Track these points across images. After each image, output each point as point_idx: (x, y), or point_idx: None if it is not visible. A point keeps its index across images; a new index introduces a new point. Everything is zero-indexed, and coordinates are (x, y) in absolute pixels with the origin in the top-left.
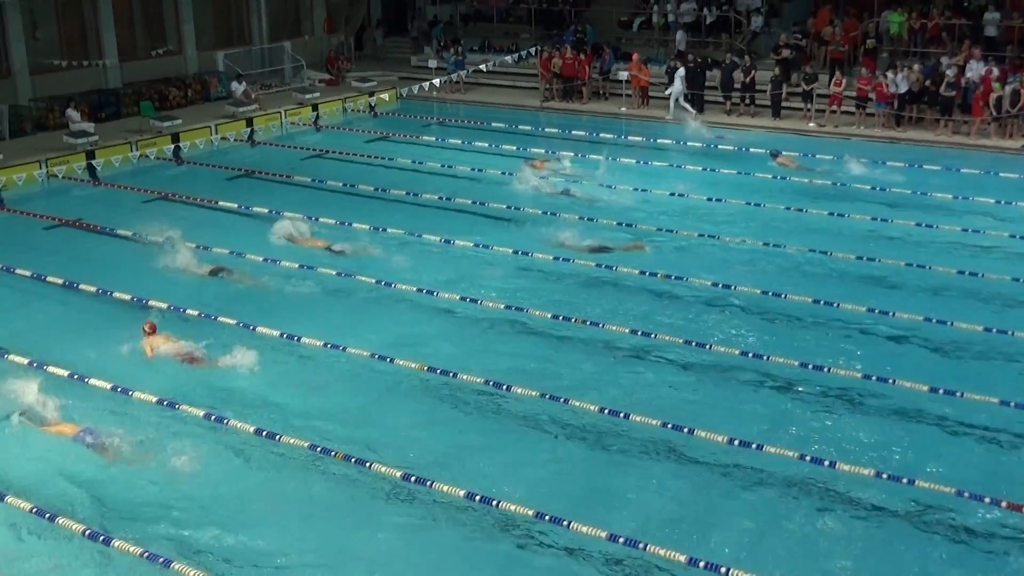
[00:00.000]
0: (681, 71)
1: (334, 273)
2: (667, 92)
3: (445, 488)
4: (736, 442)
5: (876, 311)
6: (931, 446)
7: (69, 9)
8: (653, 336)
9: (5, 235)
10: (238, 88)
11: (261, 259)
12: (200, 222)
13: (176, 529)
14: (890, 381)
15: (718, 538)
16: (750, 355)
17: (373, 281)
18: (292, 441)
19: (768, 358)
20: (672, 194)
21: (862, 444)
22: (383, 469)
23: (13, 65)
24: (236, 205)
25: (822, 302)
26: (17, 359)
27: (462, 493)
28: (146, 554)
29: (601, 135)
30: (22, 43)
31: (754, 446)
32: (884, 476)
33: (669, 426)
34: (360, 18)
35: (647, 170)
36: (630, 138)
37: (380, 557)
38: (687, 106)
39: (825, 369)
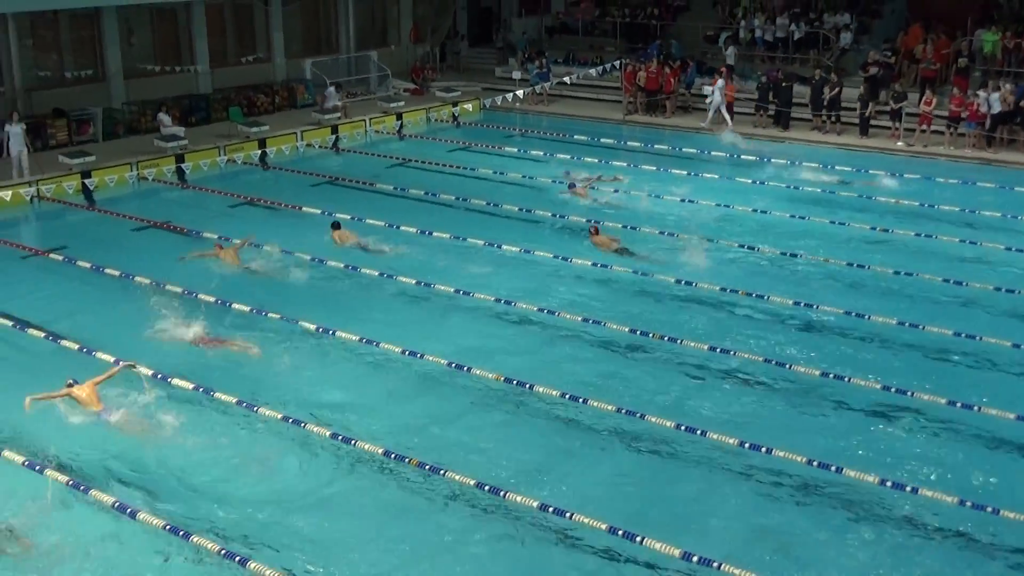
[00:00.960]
0: (720, 83)
1: (412, 282)
2: (707, 102)
3: (519, 499)
4: (815, 463)
5: (963, 335)
6: (1016, 475)
7: (164, 16)
8: (732, 353)
9: (96, 235)
10: (332, 95)
11: (342, 265)
12: (284, 226)
13: (250, 529)
14: (975, 408)
15: (792, 558)
16: (831, 376)
17: (452, 290)
18: (367, 447)
19: (849, 379)
20: (754, 210)
21: (945, 470)
22: (457, 477)
23: (108, 69)
24: (319, 211)
25: (907, 324)
26: (104, 356)
27: (535, 504)
28: (223, 551)
29: (683, 149)
30: (117, 48)
31: (833, 468)
32: (968, 504)
33: (747, 445)
34: (446, 29)
35: (729, 185)
36: (713, 153)
37: (450, 565)
38: (727, 116)
39: (908, 393)
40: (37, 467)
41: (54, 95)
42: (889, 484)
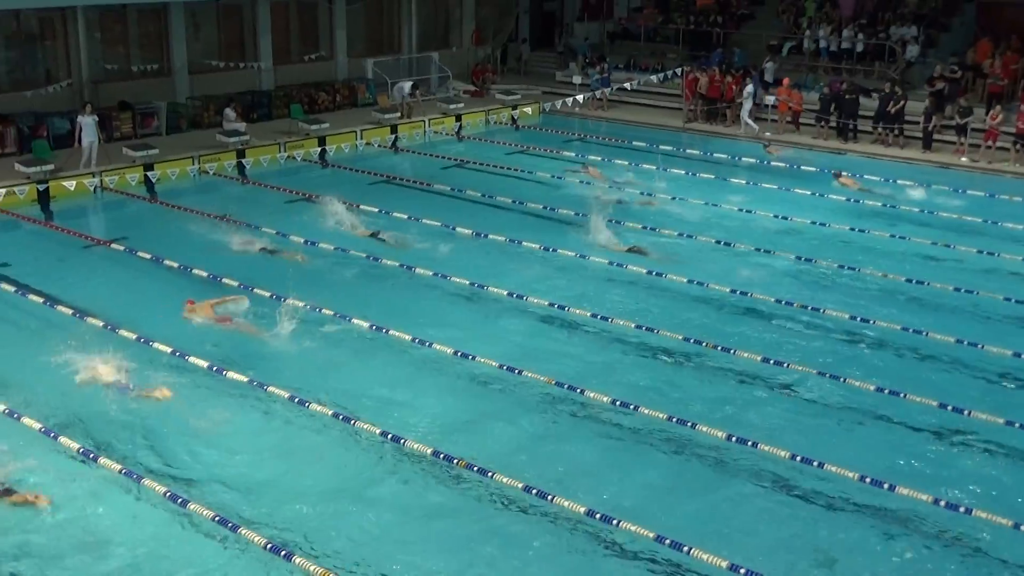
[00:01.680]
0: (749, 87)
1: (466, 283)
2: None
3: (565, 504)
4: (867, 479)
5: (1023, 356)
6: None
7: (229, 12)
8: (786, 366)
9: (157, 227)
10: (405, 93)
11: (397, 264)
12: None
13: (293, 523)
14: None
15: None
16: (886, 391)
17: (505, 293)
18: (416, 446)
19: (905, 396)
20: (813, 222)
21: (1004, 493)
22: (505, 480)
23: (174, 64)
24: (376, 209)
25: (965, 342)
26: (161, 347)
27: (582, 510)
28: (269, 546)
29: (743, 159)
30: (183, 43)
31: (886, 486)
32: (1023, 528)
33: (798, 459)
34: (508, 32)
35: (788, 196)
36: (773, 164)
37: (496, 568)
38: (750, 122)
39: (965, 412)
40: (91, 455)
41: (120, 88)
42: (943, 504)
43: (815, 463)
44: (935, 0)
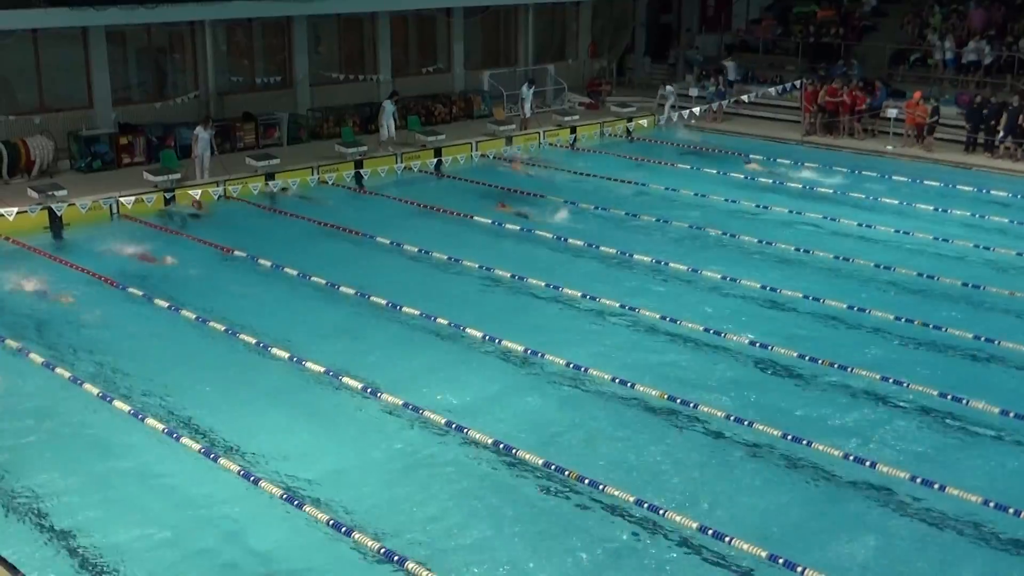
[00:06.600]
0: (670, 87)
1: (578, 295)
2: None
3: (678, 518)
4: (991, 504)
5: None
6: None
7: (350, 25)
8: (905, 385)
9: (276, 235)
10: (526, 103)
11: (508, 275)
12: (452, 234)
13: (404, 532)
14: None
15: None
16: (1011, 415)
17: (618, 305)
18: (527, 456)
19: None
20: (935, 238)
21: None
22: (616, 492)
23: (296, 76)
24: (489, 220)
25: None
26: (280, 352)
27: (695, 525)
28: (383, 549)
29: (862, 172)
30: (306, 56)
31: (1012, 511)
32: None
33: (918, 480)
34: (623, 44)
35: (909, 211)
36: (894, 177)
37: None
38: (672, 116)
39: None
40: (174, 434)
41: (244, 100)
42: None
43: (935, 485)
44: None
